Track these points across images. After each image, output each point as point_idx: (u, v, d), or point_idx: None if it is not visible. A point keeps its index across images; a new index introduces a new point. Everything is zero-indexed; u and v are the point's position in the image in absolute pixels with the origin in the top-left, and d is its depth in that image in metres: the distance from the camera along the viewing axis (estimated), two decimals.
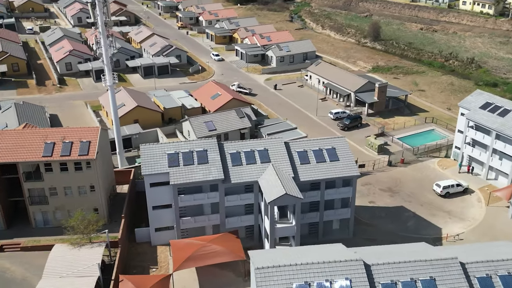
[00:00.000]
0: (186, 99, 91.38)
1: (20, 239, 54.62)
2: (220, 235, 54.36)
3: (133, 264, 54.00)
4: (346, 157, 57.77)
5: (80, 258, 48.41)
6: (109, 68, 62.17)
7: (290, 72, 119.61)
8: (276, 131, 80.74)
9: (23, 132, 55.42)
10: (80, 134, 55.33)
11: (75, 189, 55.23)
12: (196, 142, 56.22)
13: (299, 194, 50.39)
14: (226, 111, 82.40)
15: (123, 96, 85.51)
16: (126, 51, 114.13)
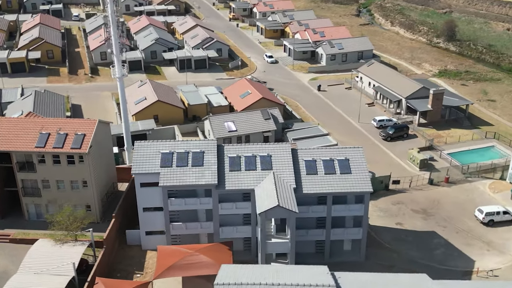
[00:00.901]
0: (214, 96, 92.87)
1: (11, 230, 58.37)
2: (211, 245, 54.89)
3: (118, 268, 55.88)
4: (360, 170, 56.16)
5: (59, 256, 50.90)
6: (119, 59, 64.71)
7: (341, 72, 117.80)
8: (304, 136, 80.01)
9: (19, 121, 59.26)
10: (77, 127, 58.18)
11: (68, 183, 58.16)
12: (194, 143, 57.17)
13: (294, 208, 49.73)
14: (251, 111, 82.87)
15: (146, 90, 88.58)
16: (164, 42, 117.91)
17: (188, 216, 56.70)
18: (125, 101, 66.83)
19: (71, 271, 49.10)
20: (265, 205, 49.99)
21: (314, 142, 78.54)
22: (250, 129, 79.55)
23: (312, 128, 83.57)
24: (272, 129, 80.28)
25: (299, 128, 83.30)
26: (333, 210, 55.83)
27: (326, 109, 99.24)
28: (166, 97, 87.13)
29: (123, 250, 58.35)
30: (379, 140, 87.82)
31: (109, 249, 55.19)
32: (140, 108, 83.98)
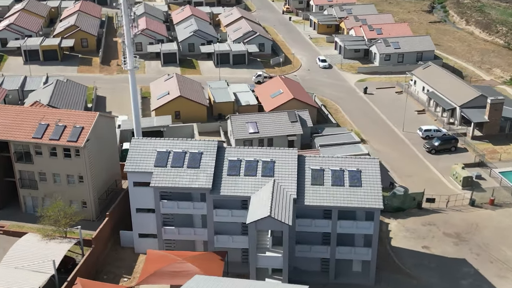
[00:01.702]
0: (244, 94, 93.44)
1: (6, 221, 61.69)
2: (203, 254, 55.40)
3: (106, 269, 57.62)
4: (372, 184, 54.68)
5: (43, 252, 53.25)
6: (131, 50, 66.65)
7: (395, 75, 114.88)
8: (332, 143, 78.80)
9: (21, 110, 62.51)
10: (77, 119, 60.58)
11: (64, 177, 60.69)
12: (194, 143, 57.90)
13: (288, 220, 49.22)
14: (278, 112, 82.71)
15: (171, 84, 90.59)
16: (203, 34, 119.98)
17: (183, 221, 57.51)
18: (136, 95, 68.74)
19: (51, 269, 51.13)
20: (257, 214, 49.84)
21: (343, 150, 77.12)
22: (273, 131, 79.37)
23: (343, 135, 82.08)
24: (298, 133, 79.67)
25: (329, 134, 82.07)
26: (339, 226, 54.72)
27: (369, 114, 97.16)
28: (190, 93, 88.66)
29: (115, 252, 60.06)
30: (422, 152, 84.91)
31: (97, 249, 57.02)
32: (161, 103, 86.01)
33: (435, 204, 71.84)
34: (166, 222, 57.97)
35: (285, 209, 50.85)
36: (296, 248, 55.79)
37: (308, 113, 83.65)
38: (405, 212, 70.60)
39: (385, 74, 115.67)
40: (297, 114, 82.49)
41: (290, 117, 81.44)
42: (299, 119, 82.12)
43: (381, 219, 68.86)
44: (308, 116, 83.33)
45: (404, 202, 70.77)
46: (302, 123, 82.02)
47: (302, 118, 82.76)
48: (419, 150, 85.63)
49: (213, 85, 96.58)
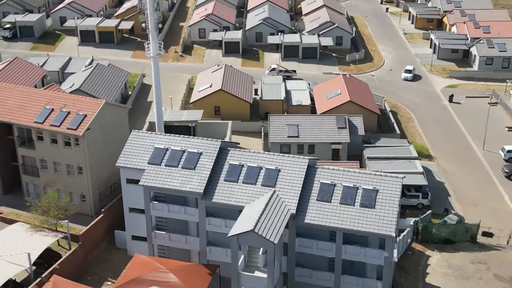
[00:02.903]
0: (298, 93, 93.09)
1: (6, 208, 66.57)
2: (191, 265, 56.28)
3: (93, 270, 60.32)
4: (388, 206, 52.54)
5: (25, 243, 56.87)
6: (154, 36, 69.05)
7: (495, 82, 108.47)
8: (383, 156, 76.42)
9: (28, 92, 67.10)
10: (82, 105, 63.98)
11: (64, 167, 64.34)
12: (196, 141, 58.87)
13: (275, 238, 48.71)
14: (325, 115, 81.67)
15: (217, 76, 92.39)
16: (273, 23, 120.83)
17: (177, 227, 58.72)
18: (158, 84, 70.99)
19: (26, 263, 54.59)
20: (241, 227, 49.81)
21: (393, 166, 74.64)
22: (316, 137, 78.45)
23: (400, 148, 79.21)
24: (344, 141, 78.07)
25: (382, 146, 79.58)
26: (344, 252, 53.16)
27: (447, 126, 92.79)
28: (236, 87, 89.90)
29: (108, 252, 62.69)
30: (499, 177, 79.73)
31: (86, 246, 59.90)
32: (200, 96, 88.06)
33: (494, 239, 67.25)
34: (159, 226, 59.55)
35: (275, 225, 50.29)
36: (296, 272, 54.98)
37: (362, 119, 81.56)
38: (455, 245, 66.89)
39: (484, 80, 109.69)
40: (348, 119, 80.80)
41: (338, 122, 79.97)
42: (349, 125, 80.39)
43: (422, 250, 65.98)
44: (361, 122, 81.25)
45: (454, 233, 67.04)
46: (352, 130, 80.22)
47: (353, 125, 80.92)
48: (496, 174, 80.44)
49: (266, 81, 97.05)
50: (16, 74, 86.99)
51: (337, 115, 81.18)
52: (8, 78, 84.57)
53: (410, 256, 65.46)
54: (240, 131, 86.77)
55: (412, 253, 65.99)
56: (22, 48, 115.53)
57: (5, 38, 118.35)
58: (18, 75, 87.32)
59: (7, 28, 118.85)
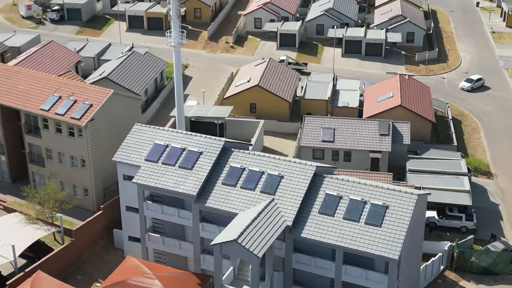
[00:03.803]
0: (347, 93, 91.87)
1: (11, 197, 69.81)
2: (181, 273, 56.82)
3: (85, 269, 62.16)
4: (396, 226, 50.89)
5: (14, 235, 59.44)
6: (176, 24, 70.07)
7: None
8: (426, 169, 74.06)
9: (40, 77, 69.93)
10: (89, 94, 66.04)
11: (68, 158, 66.67)
12: (198, 139, 59.31)
13: (259, 251, 48.38)
14: (367, 120, 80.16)
15: (258, 70, 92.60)
16: (337, 14, 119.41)
17: (173, 231, 59.44)
18: (180, 76, 71.93)
19: (10, 255, 57.17)
20: (225, 236, 49.84)
21: (436, 181, 72.43)
22: (353, 143, 77.06)
23: (450, 162, 76.35)
24: (385, 150, 76.19)
25: (429, 158, 77.05)
26: (345, 273, 52.00)
27: None
28: (276, 84, 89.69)
29: (105, 251, 64.40)
30: None
31: (79, 243, 61.85)
32: (235, 91, 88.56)
33: None
34: (155, 228, 60.55)
35: (264, 237, 49.89)
36: None
37: (409, 127, 79.23)
38: (496, 277, 63.81)
39: None
40: (393, 126, 78.78)
41: (381, 128, 78.11)
42: (394, 132, 78.36)
43: (455, 280, 63.57)
44: (408, 130, 78.93)
45: (496, 262, 63.96)
46: (397, 138, 78.15)
47: (399, 132, 78.81)
48: None
49: (314, 78, 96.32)
50: (48, 58, 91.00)
51: (381, 121, 79.34)
52: (37, 62, 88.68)
53: (440, 285, 63.13)
54: (275, 132, 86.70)
55: (442, 281, 63.59)
56: (68, 31, 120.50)
57: (52, 21, 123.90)
58: (50, 59, 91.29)
59: (55, 10, 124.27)
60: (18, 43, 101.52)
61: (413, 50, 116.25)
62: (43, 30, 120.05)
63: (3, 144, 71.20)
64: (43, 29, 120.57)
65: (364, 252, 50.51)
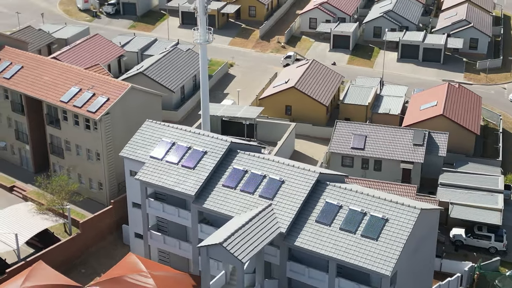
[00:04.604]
0: (391, 100, 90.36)
1: (31, 187, 72.62)
2: (177, 273, 57.43)
3: (90, 263, 63.92)
4: (394, 241, 49.58)
5: (21, 224, 61.84)
6: (203, 21, 70.76)
7: None
8: (459, 184, 71.82)
9: (65, 69, 72.32)
10: (108, 88, 67.81)
11: (85, 151, 68.71)
12: (205, 139, 59.68)
13: (244, 256, 48.34)
14: (403, 128, 78.70)
15: (297, 72, 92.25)
16: (396, 17, 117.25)
17: (176, 230, 60.18)
18: (206, 75, 72.56)
19: (13, 244, 59.55)
20: (212, 239, 50.09)
21: (467, 197, 70.28)
22: (384, 152, 75.70)
23: (486, 178, 73.70)
24: (417, 161, 74.35)
25: (464, 172, 74.57)
26: (338, 286, 51.14)
27: None
28: (313, 86, 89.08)
29: (112, 247, 65.99)
30: None
31: (86, 236, 63.66)
32: (271, 92, 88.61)
33: None
34: (159, 227, 61.52)
35: (252, 242, 49.73)
36: None
37: (447, 138, 76.95)
38: None
39: None
40: (430, 136, 76.80)
41: (415, 137, 76.28)
42: (429, 143, 76.38)
43: None
44: (445, 141, 76.71)
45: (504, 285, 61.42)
46: (432, 149, 76.15)
47: (435, 143, 76.76)
48: None
49: (359, 82, 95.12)
50: (90, 51, 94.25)
51: (416, 130, 77.52)
52: (79, 54, 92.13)
53: None
54: (309, 136, 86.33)
55: None
56: (121, 25, 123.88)
57: (108, 14, 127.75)
58: (92, 52, 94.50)
59: (111, 4, 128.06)
60: (66, 35, 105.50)
61: (475, 58, 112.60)
62: (97, 23, 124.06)
63: (28, 134, 74.13)
64: (97, 23, 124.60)
65: (356, 266, 49.49)
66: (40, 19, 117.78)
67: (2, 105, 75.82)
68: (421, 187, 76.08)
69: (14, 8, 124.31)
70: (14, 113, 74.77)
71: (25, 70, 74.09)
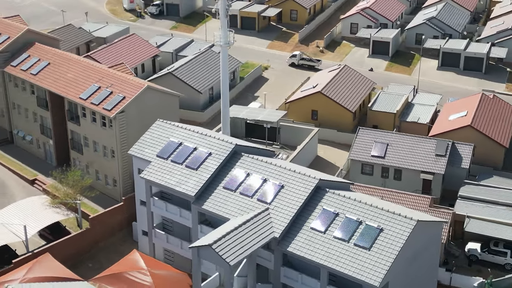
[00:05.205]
0: (422, 108, 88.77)
1: (52, 180, 74.59)
2: (176, 273, 58.09)
3: (98, 258, 65.13)
4: (386, 251, 48.80)
5: (32, 216, 63.55)
6: (224, 23, 71.24)
7: None
8: (479, 197, 70.01)
9: (87, 66, 74.00)
10: (125, 86, 69.04)
11: (101, 148, 70.14)
12: (210, 140, 60.04)
13: (232, 259, 48.48)
14: (427, 138, 77.21)
15: (327, 76, 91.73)
16: (440, 24, 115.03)
17: (180, 230, 60.81)
18: (226, 77, 73.01)
19: (22, 235, 61.29)
20: (203, 240, 50.41)
21: (486, 211, 68.17)
22: (404, 161, 74.43)
23: (509, 193, 71.32)
24: (438, 172, 72.80)
25: (487, 185, 72.47)
26: None
27: None
28: (339, 92, 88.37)
29: (121, 243, 67.10)
30: None
31: (95, 231, 64.99)
32: (298, 96, 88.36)
33: None
34: (165, 226, 62.25)
35: (243, 246, 49.78)
36: None
37: (471, 149, 75.03)
38: None
39: None
40: (454, 146, 75.06)
41: (438, 148, 74.69)
42: (453, 154, 74.67)
43: None
44: (469, 153, 74.81)
45: None
46: (455, 160, 74.42)
47: (458, 154, 74.95)
48: None
49: (391, 89, 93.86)
50: (124, 50, 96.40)
51: (440, 140, 75.89)
52: (113, 53, 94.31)
53: None
54: (334, 142, 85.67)
55: None
56: (163, 26, 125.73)
57: (152, 15, 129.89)
58: (126, 51, 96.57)
59: (155, 5, 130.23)
60: (105, 34, 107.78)
61: None
62: (140, 23, 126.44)
63: (51, 129, 76.19)
64: (141, 23, 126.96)
65: (346, 275, 48.95)
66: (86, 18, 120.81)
67: (29, 100, 78.21)
68: (443, 199, 74.57)
69: (63, 6, 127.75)
70: (39, 108, 77.01)
71: (51, 67, 76.22)
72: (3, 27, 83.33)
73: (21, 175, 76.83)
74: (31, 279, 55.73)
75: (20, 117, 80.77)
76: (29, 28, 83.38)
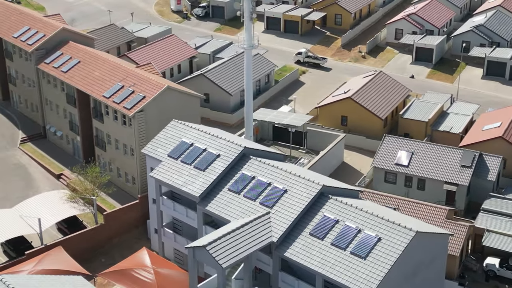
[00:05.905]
0: (456, 118, 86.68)
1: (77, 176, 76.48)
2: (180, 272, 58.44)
3: (111, 254, 66.36)
4: (381, 261, 48.04)
5: (49, 210, 65.27)
6: (249, 26, 71.21)
7: None
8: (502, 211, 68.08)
9: (113, 65, 75.43)
10: (147, 86, 70.10)
11: (122, 145, 71.43)
12: (220, 142, 60.25)
13: (225, 261, 48.62)
14: (452, 148, 75.27)
15: (359, 83, 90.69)
16: (488, 32, 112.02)
17: (189, 231, 61.33)
18: (250, 80, 72.98)
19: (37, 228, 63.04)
20: (198, 241, 50.71)
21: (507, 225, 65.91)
22: (427, 171, 72.92)
23: None
24: (462, 184, 71.00)
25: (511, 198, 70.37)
26: None
27: None
28: (373, 98, 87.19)
29: (136, 240, 68.10)
30: None
31: (109, 228, 66.24)
32: (328, 101, 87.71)
33: None
34: (175, 225, 62.88)
35: (238, 248, 49.83)
36: None
37: (499, 162, 72.84)
38: None
39: None
40: (482, 158, 73.09)
41: (464, 158, 72.84)
42: (479, 165, 72.69)
43: None
44: (497, 165, 72.66)
45: None
46: (480, 172, 72.46)
47: (485, 166, 72.89)
48: None
49: (426, 97, 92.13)
50: (162, 51, 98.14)
51: (466, 150, 73.99)
52: (151, 53, 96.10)
53: None
54: (363, 149, 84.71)
55: None
56: (208, 28, 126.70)
57: (198, 17, 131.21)
58: (164, 51, 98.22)
59: (201, 7, 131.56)
60: (147, 34, 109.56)
61: None
62: (186, 25, 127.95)
63: (79, 126, 78.06)
64: (186, 24, 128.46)
65: (339, 283, 48.43)
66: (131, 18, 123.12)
67: (60, 97, 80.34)
68: (468, 211, 72.75)
69: (113, 6, 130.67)
70: (68, 105, 78.95)
71: (80, 65, 78.11)
72: (40, 25, 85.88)
73: (49, 169, 78.96)
74: (39, 271, 57.24)
75: (52, 113, 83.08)
76: (64, 26, 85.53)
